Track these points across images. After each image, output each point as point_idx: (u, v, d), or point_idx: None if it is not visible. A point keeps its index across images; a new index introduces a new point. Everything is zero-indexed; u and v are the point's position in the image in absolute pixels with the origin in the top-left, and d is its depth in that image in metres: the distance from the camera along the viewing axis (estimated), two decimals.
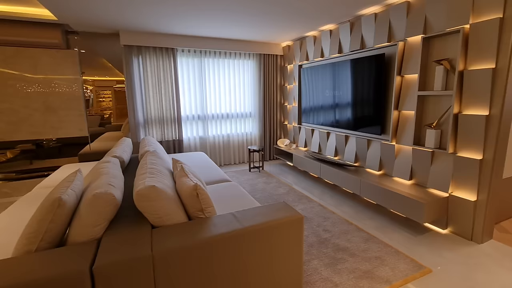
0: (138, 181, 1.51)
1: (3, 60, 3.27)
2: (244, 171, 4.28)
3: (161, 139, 4.12)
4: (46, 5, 2.68)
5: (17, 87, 3.37)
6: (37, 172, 3.78)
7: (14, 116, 3.37)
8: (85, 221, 1.23)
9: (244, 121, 4.78)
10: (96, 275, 1.03)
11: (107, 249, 1.14)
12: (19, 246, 1.17)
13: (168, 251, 1.15)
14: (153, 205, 1.33)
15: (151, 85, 3.97)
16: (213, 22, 3.36)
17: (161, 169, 1.78)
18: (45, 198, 1.30)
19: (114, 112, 9.98)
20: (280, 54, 4.80)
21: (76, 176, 1.49)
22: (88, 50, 5.15)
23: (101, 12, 2.91)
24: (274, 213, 1.48)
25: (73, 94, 3.61)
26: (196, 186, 1.43)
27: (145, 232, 1.28)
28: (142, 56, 3.88)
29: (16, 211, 1.85)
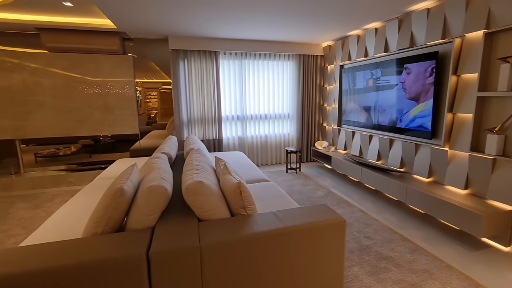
0: (186, 177, 1.62)
1: (71, 65, 3.73)
2: (281, 172, 4.29)
3: (203, 138, 4.32)
4: (109, 16, 3.00)
5: (79, 89, 3.81)
6: (95, 165, 4.24)
7: (79, 115, 3.83)
8: (141, 210, 1.35)
9: (282, 122, 4.79)
10: (151, 259, 1.14)
11: (160, 237, 1.25)
12: (88, 229, 1.34)
13: (214, 244, 1.22)
14: (200, 200, 1.42)
15: (195, 87, 4.19)
16: (254, 25, 3.44)
17: (205, 166, 1.89)
18: (108, 187, 1.46)
19: (159, 112, 10.72)
20: (320, 55, 4.72)
21: (133, 169, 1.64)
22: (140, 55, 5.62)
23: (154, 20, 3.17)
24: (316, 215, 1.47)
25: (127, 95, 3.97)
26: (239, 184, 1.49)
27: (192, 224, 1.37)
28: (188, 59, 4.12)
29: (81, 198, 2.10)
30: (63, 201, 3.19)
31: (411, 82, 2.84)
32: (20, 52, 3.72)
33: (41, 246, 1.18)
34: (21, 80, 3.61)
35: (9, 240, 2.29)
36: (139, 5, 2.68)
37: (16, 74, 3.60)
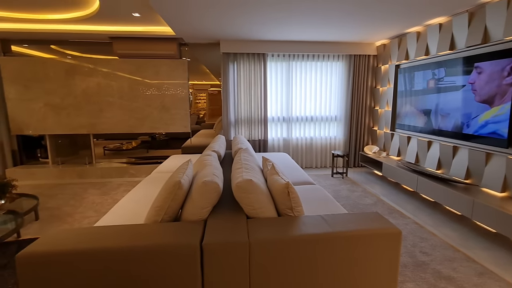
0: (235, 174, 1.69)
1: (135, 69, 4.17)
2: (326, 176, 4.17)
3: (249, 138, 4.44)
4: (170, 23, 3.28)
5: (140, 90, 4.23)
6: (152, 159, 4.66)
7: (140, 113, 4.25)
8: (195, 203, 1.45)
9: (328, 124, 4.66)
10: (204, 249, 1.22)
11: (212, 230, 1.32)
12: (149, 216, 1.48)
13: (262, 241, 1.25)
14: (249, 197, 1.46)
15: (243, 88, 4.32)
16: (304, 26, 3.41)
17: (253, 165, 1.94)
18: (167, 180, 1.60)
19: (207, 112, 11.32)
20: (373, 54, 4.46)
21: (188, 165, 1.77)
22: (193, 59, 6.01)
23: (208, 26, 3.36)
24: (367, 223, 1.40)
25: (181, 96, 4.29)
26: (287, 185, 1.50)
27: (241, 220, 1.42)
28: (237, 61, 4.27)
29: (142, 189, 2.33)
30: (126, 190, 3.58)
31: (483, 83, 2.51)
32: (96, 58, 4.29)
33: (111, 228, 1.35)
34: (96, 83, 4.16)
35: (84, 221, 2.66)
36: (196, 13, 2.88)
37: (92, 78, 4.15)
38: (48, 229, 2.49)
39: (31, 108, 4.10)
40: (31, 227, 2.53)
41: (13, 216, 2.20)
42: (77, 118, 4.19)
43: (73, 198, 3.28)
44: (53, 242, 1.22)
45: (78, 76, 4.12)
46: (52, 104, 4.12)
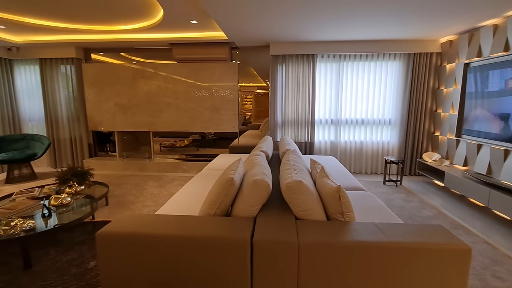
0: (284, 175, 1.70)
1: (192, 73, 4.48)
2: (377, 183, 3.91)
3: (295, 140, 4.41)
4: (223, 28, 3.46)
5: (192, 92, 4.52)
6: (201, 157, 4.95)
7: (193, 114, 4.55)
8: (246, 200, 1.51)
9: (381, 128, 4.36)
10: (255, 245, 1.26)
11: (262, 227, 1.36)
12: (203, 209, 1.59)
13: (312, 244, 1.24)
14: (299, 199, 1.46)
15: (291, 90, 4.32)
16: (358, 25, 3.26)
17: (302, 167, 1.92)
18: (220, 177, 1.69)
19: (253, 113, 11.56)
20: (436, 52, 4.05)
21: (239, 163, 1.84)
22: (242, 61, 6.21)
23: (259, 29, 3.44)
24: (429, 236, 1.28)
25: (230, 97, 4.46)
26: (339, 189, 1.46)
27: (290, 221, 1.42)
28: (286, 63, 4.28)
29: (194, 184, 2.50)
30: (179, 184, 3.87)
31: None
32: (156, 63, 4.72)
33: (170, 217, 1.48)
34: (156, 86, 4.59)
35: (144, 209, 2.95)
36: (248, 17, 2.98)
37: (153, 81, 4.59)
38: (115, 213, 2.83)
39: (104, 107, 4.71)
40: (102, 211, 2.91)
41: (89, 200, 2.56)
42: (140, 117, 4.67)
43: (135, 188, 3.68)
44: (124, 224, 1.39)
45: (142, 79, 4.60)
46: (121, 104, 4.67)
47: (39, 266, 1.94)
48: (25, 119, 5.02)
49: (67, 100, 4.84)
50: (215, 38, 4.18)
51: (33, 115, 5.00)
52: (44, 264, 1.96)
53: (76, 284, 1.74)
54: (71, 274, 1.84)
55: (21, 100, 4.96)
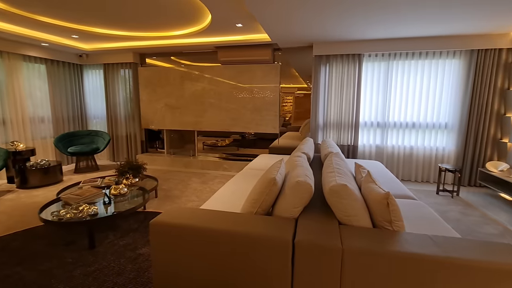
0: (327, 178, 1.67)
1: (234, 75, 4.63)
2: (429, 192, 3.59)
3: (337, 142, 4.27)
4: (267, 30, 3.50)
5: (236, 93, 4.65)
6: (241, 157, 5.08)
7: (235, 114, 4.70)
8: (288, 201, 1.51)
9: (435, 132, 3.99)
10: (296, 246, 1.26)
11: (304, 229, 1.35)
12: (246, 207, 1.63)
13: (356, 250, 1.20)
14: (343, 203, 1.42)
15: (334, 91, 4.19)
16: (412, 21, 3.03)
17: (345, 171, 1.86)
18: (262, 176, 1.72)
19: (293, 115, 11.47)
20: (506, 48, 3.56)
21: (281, 164, 1.86)
22: (284, 62, 6.20)
23: (303, 30, 3.41)
24: (494, 254, 1.14)
25: (272, 99, 4.50)
26: (388, 195, 1.38)
27: (333, 225, 1.39)
28: (329, 64, 4.17)
29: (236, 182, 2.58)
30: (220, 182, 4.03)
31: None
32: (202, 66, 4.97)
33: (214, 212, 1.56)
34: (201, 87, 4.84)
35: (188, 203, 3.14)
36: (294, 19, 2.97)
37: (199, 83, 4.84)
38: (164, 205, 3.06)
39: (155, 107, 5.12)
40: (152, 202, 3.17)
41: (142, 192, 2.81)
42: (186, 116, 4.97)
43: (180, 184, 3.92)
44: (173, 216, 1.50)
45: (188, 81, 4.88)
46: (169, 104, 5.03)
47: (101, 247, 2.19)
48: (90, 117, 5.70)
49: (124, 101, 5.38)
50: (258, 40, 4.26)
51: (97, 113, 5.65)
52: (105, 246, 2.21)
53: (130, 266, 1.93)
54: (126, 257, 2.05)
55: (88, 100, 5.64)
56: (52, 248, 2.19)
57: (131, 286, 1.74)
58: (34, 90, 4.68)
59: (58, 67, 5.03)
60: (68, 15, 3.42)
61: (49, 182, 3.91)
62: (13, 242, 2.28)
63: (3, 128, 4.21)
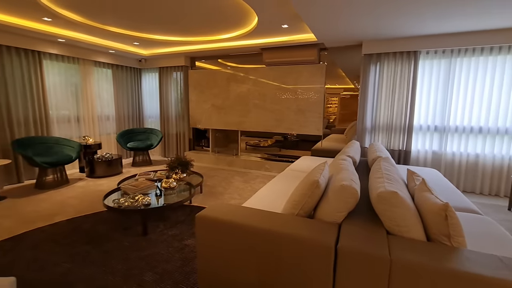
0: (375, 184, 1.57)
1: (279, 76, 4.64)
2: (499, 208, 3.12)
3: (386, 147, 3.98)
4: (314, 30, 3.44)
5: (280, 94, 4.65)
6: (283, 158, 5.06)
7: (279, 115, 4.71)
8: (331, 205, 1.47)
9: (508, 139, 3.45)
10: (339, 252, 1.21)
11: (348, 235, 1.30)
12: (287, 208, 1.63)
13: (407, 264, 1.11)
14: (392, 211, 1.33)
15: (385, 91, 3.92)
16: (481, 11, 2.68)
17: (396, 177, 1.73)
18: (305, 177, 1.70)
19: (338, 117, 11.04)
20: None
21: (325, 166, 1.81)
22: (330, 63, 6.01)
23: (352, 29, 3.27)
24: None
25: (316, 100, 4.39)
26: (446, 206, 1.25)
27: (380, 234, 1.31)
28: (380, 62, 3.91)
29: (277, 183, 2.58)
30: (262, 181, 4.09)
31: None
32: (247, 68, 5.09)
33: (256, 211, 1.59)
34: (246, 88, 4.95)
35: (231, 201, 3.25)
36: (342, 18, 2.87)
37: (244, 84, 4.97)
38: (208, 201, 3.22)
39: (202, 108, 5.41)
40: (197, 197, 3.36)
41: (188, 187, 3.00)
42: (231, 116, 5.15)
43: (224, 181, 4.08)
44: (217, 211, 1.57)
45: (234, 82, 5.05)
46: (216, 105, 5.26)
47: (152, 235, 2.40)
48: (146, 116, 6.27)
49: (175, 101, 5.79)
50: (304, 41, 4.20)
51: (152, 113, 6.20)
52: (156, 234, 2.42)
53: (177, 255, 2.08)
54: (174, 246, 2.21)
55: (145, 101, 6.22)
56: (113, 231, 2.46)
57: (178, 274, 1.87)
58: (102, 91, 5.32)
59: (122, 71, 5.65)
60: (131, 24, 3.82)
61: (112, 173, 4.42)
62: (83, 224, 2.63)
63: (77, 124, 4.88)
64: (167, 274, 1.86)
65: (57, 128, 4.53)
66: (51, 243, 2.25)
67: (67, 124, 4.71)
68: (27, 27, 3.63)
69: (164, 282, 1.78)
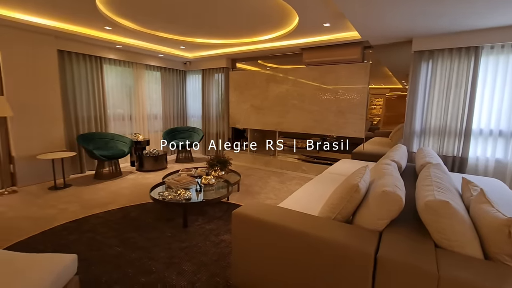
0: (423, 192, 1.45)
1: (318, 76, 4.53)
2: None
3: (438, 152, 3.63)
4: (358, 28, 3.29)
5: (320, 95, 4.53)
6: (321, 160, 4.93)
7: (318, 116, 4.60)
8: (372, 211, 1.39)
9: None
10: (379, 262, 1.15)
11: (389, 245, 1.22)
12: (323, 211, 1.59)
13: (458, 282, 1.00)
14: (442, 222, 1.21)
15: (438, 91, 3.57)
16: None
17: (448, 186, 1.57)
18: (344, 181, 1.64)
19: (382, 119, 10.36)
20: None
21: (366, 170, 1.72)
22: (374, 61, 5.67)
23: (401, 24, 3.04)
24: None
25: (358, 101, 4.19)
26: (510, 222, 1.10)
27: (427, 247, 1.20)
28: (433, 60, 3.58)
29: (314, 185, 2.53)
30: (298, 183, 4.04)
31: None
32: (286, 68, 5.06)
33: (292, 212, 1.58)
34: (285, 89, 4.94)
35: (267, 200, 3.27)
36: (390, 12, 2.69)
37: (283, 85, 4.95)
38: (244, 199, 3.29)
39: (242, 108, 5.53)
40: (234, 195, 3.45)
41: (226, 184, 3.10)
42: (269, 117, 5.18)
43: (260, 181, 4.12)
44: (253, 209, 1.60)
45: (273, 83, 5.06)
46: (255, 105, 5.34)
47: (191, 228, 2.54)
48: (189, 115, 6.63)
49: (216, 102, 6.02)
50: (346, 39, 4.04)
51: (194, 112, 6.53)
52: (195, 227, 2.55)
53: (214, 249, 2.17)
54: (211, 240, 2.31)
55: (188, 101, 6.59)
56: (157, 221, 2.66)
57: (213, 267, 1.95)
58: (151, 92, 5.77)
59: (169, 73, 6.06)
60: (178, 29, 4.08)
61: (157, 168, 4.77)
62: (132, 212, 2.89)
63: (130, 122, 5.37)
64: (204, 266, 1.95)
65: (113, 125, 5.05)
66: (106, 228, 2.52)
67: (121, 121, 5.21)
68: (91, 35, 4.11)
69: (201, 273, 1.87)
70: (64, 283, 1.33)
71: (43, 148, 3.96)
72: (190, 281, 1.80)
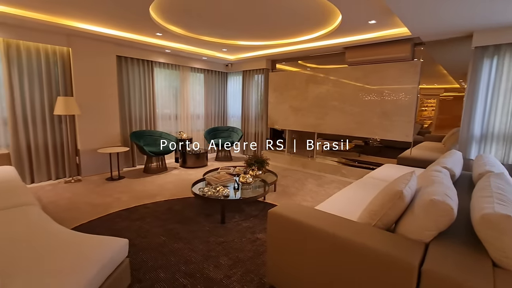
0: (480, 203, 1.31)
1: (362, 76, 4.32)
2: None
3: (502, 161, 3.21)
4: (407, 23, 3.07)
5: (363, 96, 4.31)
6: (363, 164, 4.70)
7: (360, 118, 4.39)
8: (418, 221, 1.30)
9: None
10: (423, 275, 1.07)
11: (437, 258, 1.13)
12: (363, 217, 1.53)
13: None
14: (502, 239, 1.09)
15: (503, 91, 3.16)
16: None
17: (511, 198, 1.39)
18: (386, 186, 1.56)
19: (434, 122, 9.46)
20: None
21: (412, 176, 1.61)
22: (426, 59, 5.21)
23: (458, 16, 2.76)
24: None
25: (406, 102, 3.90)
26: None
27: (483, 266, 1.09)
28: (498, 56, 3.17)
29: (354, 189, 2.44)
30: (337, 187, 3.91)
31: None
32: (327, 68, 4.92)
33: (329, 215, 1.55)
34: (325, 90, 4.81)
35: (303, 203, 3.24)
36: (444, 3, 2.46)
37: (323, 85, 4.83)
38: (280, 199, 3.30)
39: (280, 109, 5.54)
40: (271, 195, 3.48)
41: (263, 184, 3.14)
42: (308, 118, 5.10)
43: (297, 182, 4.09)
44: (289, 210, 1.61)
45: (313, 84, 4.97)
46: (293, 106, 5.31)
47: (229, 224, 2.63)
48: (229, 115, 6.85)
49: (256, 102, 6.13)
50: (394, 36, 3.79)
51: (234, 113, 6.73)
52: (232, 224, 2.64)
53: (249, 247, 2.22)
54: (247, 237, 2.37)
55: (229, 102, 6.81)
56: (197, 216, 2.82)
57: (249, 263, 2.00)
58: (195, 93, 6.11)
59: (211, 75, 6.34)
60: (222, 33, 4.25)
61: (199, 165, 5.04)
62: (175, 205, 3.11)
63: (175, 121, 5.75)
64: (240, 261, 2.01)
65: (161, 124, 5.46)
66: (152, 218, 2.75)
67: (168, 120, 5.61)
68: (144, 42, 4.50)
69: (236, 268, 1.94)
70: (118, 263, 1.49)
71: (102, 143, 4.47)
72: (226, 274, 1.87)
